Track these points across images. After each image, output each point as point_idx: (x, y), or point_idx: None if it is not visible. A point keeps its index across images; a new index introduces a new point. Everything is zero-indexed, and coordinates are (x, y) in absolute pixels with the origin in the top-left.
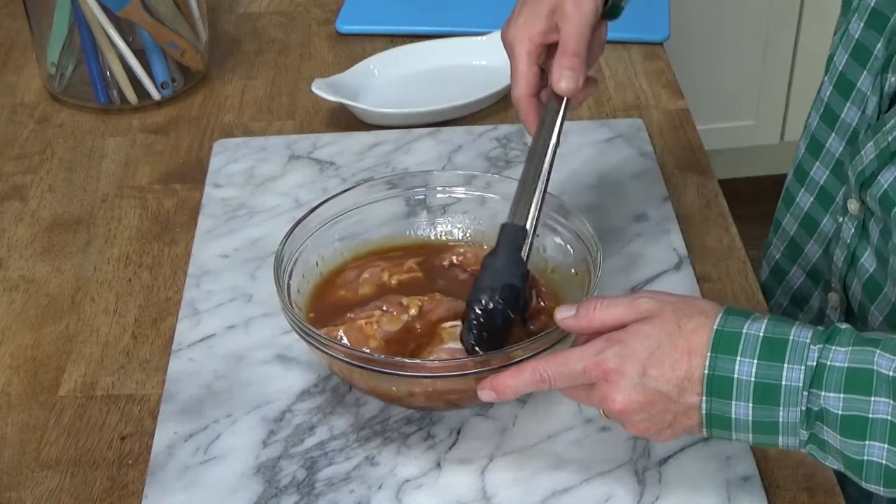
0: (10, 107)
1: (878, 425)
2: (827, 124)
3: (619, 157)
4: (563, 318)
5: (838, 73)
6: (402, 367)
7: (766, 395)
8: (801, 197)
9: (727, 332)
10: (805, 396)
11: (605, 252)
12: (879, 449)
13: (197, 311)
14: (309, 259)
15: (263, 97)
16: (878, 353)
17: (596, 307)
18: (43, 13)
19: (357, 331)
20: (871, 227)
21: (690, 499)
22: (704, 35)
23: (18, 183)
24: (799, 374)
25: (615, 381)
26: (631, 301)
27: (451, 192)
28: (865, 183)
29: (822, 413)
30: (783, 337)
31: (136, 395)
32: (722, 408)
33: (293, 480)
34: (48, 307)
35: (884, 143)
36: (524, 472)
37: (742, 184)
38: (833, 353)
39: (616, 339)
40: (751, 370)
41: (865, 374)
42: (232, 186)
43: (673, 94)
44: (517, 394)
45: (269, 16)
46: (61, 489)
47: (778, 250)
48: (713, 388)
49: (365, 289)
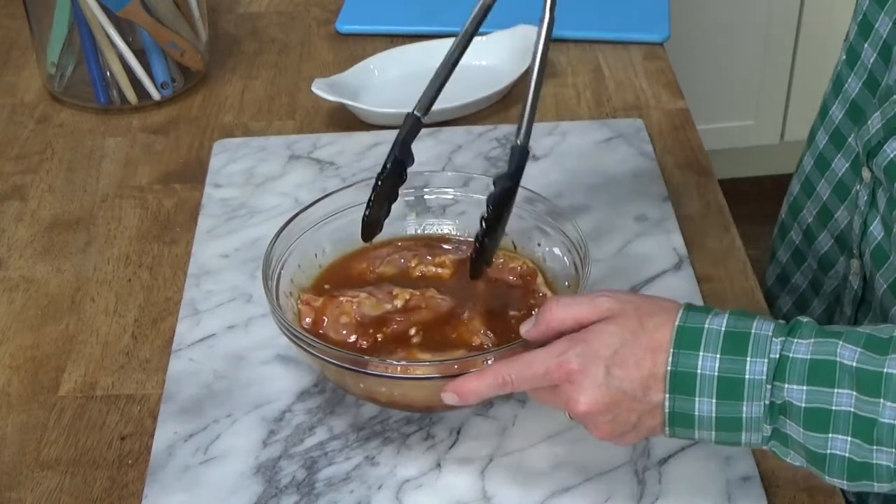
0: (10, 107)
1: (841, 417)
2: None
3: (619, 157)
4: (527, 331)
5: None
6: (364, 365)
7: (730, 389)
8: (836, 162)
9: (689, 327)
10: (768, 390)
11: (605, 252)
12: (843, 441)
13: (197, 311)
14: (301, 259)
15: (263, 97)
16: (841, 343)
17: (553, 307)
18: (43, 13)
19: (336, 306)
20: (878, 196)
21: (690, 499)
22: (704, 35)
23: (18, 183)
24: (762, 367)
25: (579, 381)
26: (590, 300)
27: (449, 193)
28: (872, 152)
29: (784, 406)
30: (745, 330)
31: (136, 395)
32: (685, 405)
33: (293, 480)
34: (48, 307)
35: (890, 112)
36: (524, 472)
37: (742, 184)
38: (795, 346)
39: (578, 338)
40: (714, 365)
41: (828, 365)
42: (232, 186)
43: (673, 94)
44: (480, 397)
45: (269, 16)
46: (61, 489)
47: (810, 214)
48: (676, 384)
49: (386, 268)
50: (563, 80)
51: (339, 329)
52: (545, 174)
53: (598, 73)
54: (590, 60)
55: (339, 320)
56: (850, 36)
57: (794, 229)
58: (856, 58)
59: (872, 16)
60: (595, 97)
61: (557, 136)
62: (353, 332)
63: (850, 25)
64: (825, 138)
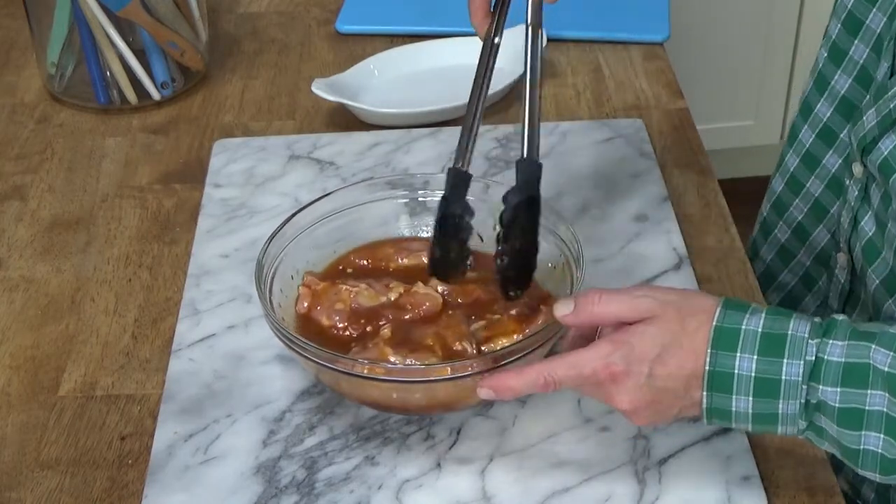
0: (10, 107)
1: (874, 417)
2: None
3: (619, 157)
4: (564, 316)
5: (846, 11)
6: (356, 368)
7: (766, 389)
8: (827, 159)
9: (726, 328)
10: (804, 390)
11: (605, 252)
12: (875, 438)
13: (197, 311)
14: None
15: (263, 97)
16: (874, 347)
17: (595, 301)
18: (43, 13)
19: (334, 293)
20: (872, 192)
21: (690, 499)
22: (704, 35)
23: (18, 183)
24: (798, 368)
25: (622, 381)
26: (631, 298)
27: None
28: (866, 149)
29: (820, 405)
30: (782, 332)
31: (136, 395)
32: (723, 402)
33: (293, 480)
34: (48, 307)
35: (885, 109)
36: (524, 472)
37: (742, 184)
38: (830, 347)
39: (622, 341)
40: (751, 366)
41: (862, 368)
42: (232, 186)
43: (673, 94)
44: (517, 395)
45: (269, 16)
46: (61, 489)
47: (800, 211)
48: (714, 383)
49: (408, 260)
50: (563, 81)
51: (331, 315)
52: (545, 174)
53: (598, 73)
54: (590, 60)
55: (333, 306)
56: (831, 33)
57: (780, 228)
58: (841, 55)
59: (861, 12)
60: (595, 97)
61: (557, 136)
62: (345, 320)
63: (829, 22)
64: (811, 136)
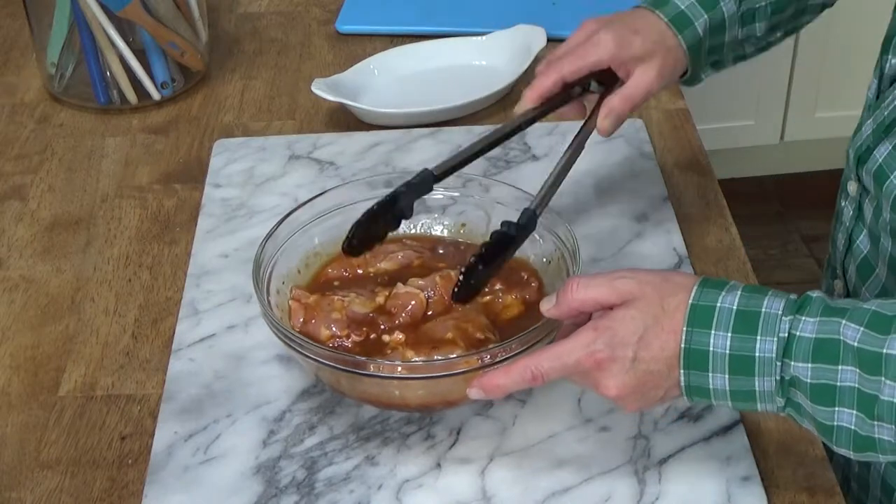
0: (10, 107)
1: (845, 393)
2: None
3: (619, 157)
4: (548, 309)
5: None
6: (356, 366)
7: (742, 366)
8: None
9: (702, 305)
10: (778, 366)
11: (605, 252)
12: (848, 415)
13: (197, 311)
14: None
15: (263, 97)
16: (844, 322)
17: (573, 288)
18: (43, 13)
19: (328, 304)
20: (865, 207)
21: (690, 499)
22: None
23: (18, 183)
24: (772, 345)
25: (608, 367)
26: (609, 281)
27: (448, 193)
28: (862, 158)
29: (794, 381)
30: (756, 309)
31: (136, 395)
32: (700, 380)
33: (293, 480)
34: (48, 307)
35: (880, 117)
36: (524, 472)
37: (742, 184)
38: (802, 324)
39: (604, 326)
40: (725, 343)
41: (832, 344)
42: (232, 186)
43: (673, 94)
44: (507, 392)
45: (269, 16)
46: (61, 489)
47: None
48: (690, 361)
49: (386, 264)
50: None
51: (329, 325)
52: (545, 174)
53: None
54: None
55: (330, 316)
56: None
57: None
58: None
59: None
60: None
61: (557, 136)
62: (345, 329)
63: None
64: None
